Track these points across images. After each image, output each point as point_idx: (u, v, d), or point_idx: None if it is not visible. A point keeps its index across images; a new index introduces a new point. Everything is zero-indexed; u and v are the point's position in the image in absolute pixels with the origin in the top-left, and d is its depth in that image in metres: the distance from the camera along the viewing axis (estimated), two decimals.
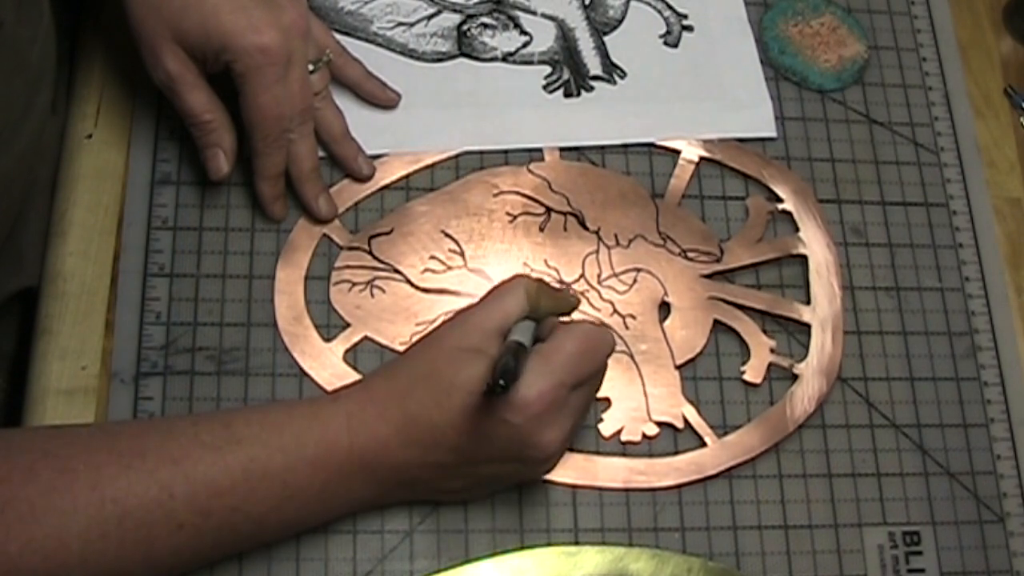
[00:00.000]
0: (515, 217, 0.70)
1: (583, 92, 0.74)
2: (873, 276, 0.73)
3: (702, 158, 0.73)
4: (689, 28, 0.78)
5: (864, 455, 0.68)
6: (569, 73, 0.75)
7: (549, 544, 0.63)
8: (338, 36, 0.73)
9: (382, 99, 0.71)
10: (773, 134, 0.75)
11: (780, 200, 0.73)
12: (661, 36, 0.77)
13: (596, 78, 0.75)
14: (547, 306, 0.60)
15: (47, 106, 0.62)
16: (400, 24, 0.75)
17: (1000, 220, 0.76)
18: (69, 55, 0.71)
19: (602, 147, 0.73)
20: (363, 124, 0.71)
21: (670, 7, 0.78)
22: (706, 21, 0.78)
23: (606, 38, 0.77)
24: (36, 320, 0.64)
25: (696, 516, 0.65)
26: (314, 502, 0.57)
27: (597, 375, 0.61)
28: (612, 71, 0.75)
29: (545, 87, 0.74)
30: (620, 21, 0.78)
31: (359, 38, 0.74)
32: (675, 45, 0.77)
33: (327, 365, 0.65)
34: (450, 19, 0.75)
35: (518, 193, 0.71)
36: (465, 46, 0.75)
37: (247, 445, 0.55)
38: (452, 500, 0.62)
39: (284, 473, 0.55)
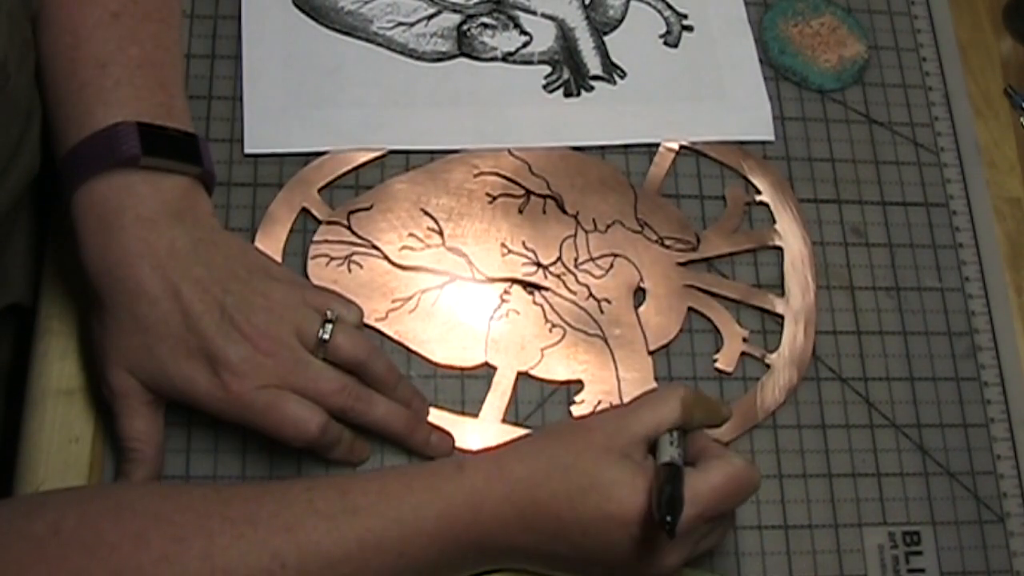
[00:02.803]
0: (495, 198, 0.70)
1: (583, 92, 0.74)
2: (873, 276, 0.73)
3: (682, 147, 0.74)
4: (689, 28, 0.78)
5: (864, 455, 0.68)
6: (569, 73, 0.75)
7: None
8: (338, 36, 0.73)
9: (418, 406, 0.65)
10: (771, 137, 0.75)
11: (758, 192, 0.73)
12: (661, 36, 0.77)
13: (596, 78, 0.75)
14: (700, 419, 0.59)
15: (37, 141, 0.62)
16: (400, 24, 0.75)
17: (1000, 220, 0.76)
18: None
19: (601, 147, 0.73)
20: (363, 123, 0.71)
21: (670, 7, 0.78)
22: (706, 21, 0.78)
23: (606, 38, 0.77)
24: (36, 320, 0.64)
25: None
26: (425, 570, 0.56)
27: (732, 512, 0.60)
28: (612, 71, 0.75)
29: (545, 87, 0.74)
30: (620, 21, 0.78)
31: (359, 38, 0.74)
32: (675, 45, 0.77)
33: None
34: (450, 19, 0.75)
35: (498, 174, 0.71)
36: (465, 46, 0.75)
37: (363, 516, 0.54)
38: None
39: (399, 544, 0.54)
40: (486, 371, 0.66)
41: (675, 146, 0.74)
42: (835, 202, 0.74)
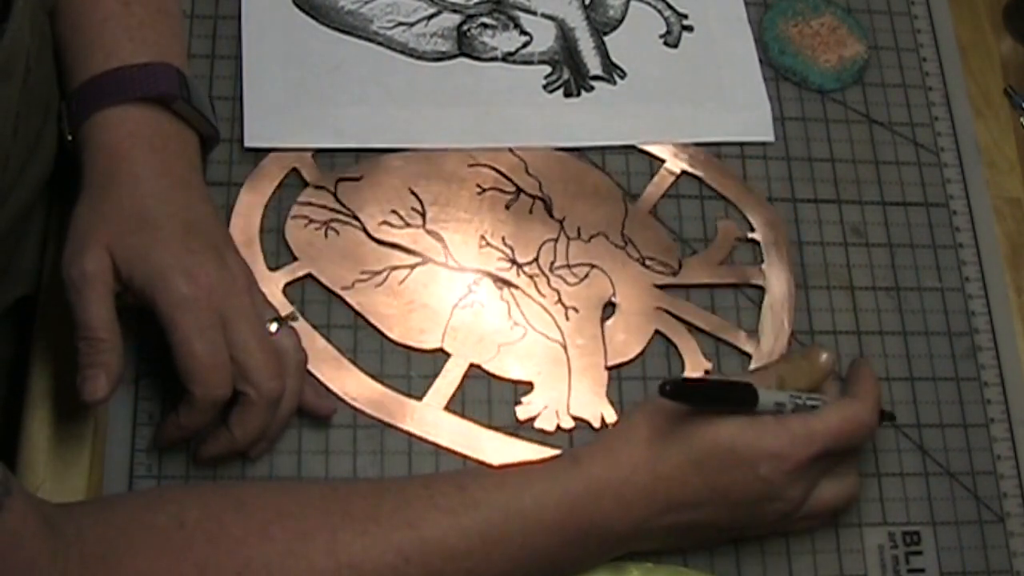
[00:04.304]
0: (484, 190, 0.70)
1: (583, 92, 0.74)
2: (873, 276, 0.72)
3: (684, 172, 0.73)
4: (689, 28, 0.78)
5: (864, 455, 0.67)
6: (569, 73, 0.75)
7: None
8: (338, 35, 0.73)
9: (318, 408, 0.63)
10: (771, 138, 0.75)
11: (752, 228, 0.72)
12: (661, 36, 0.77)
13: (596, 78, 0.75)
14: (795, 384, 0.62)
15: (55, 134, 0.62)
16: (400, 24, 0.75)
17: (1000, 220, 0.76)
18: None
19: (602, 147, 0.73)
20: (363, 122, 0.71)
21: (670, 7, 0.78)
22: (706, 21, 0.78)
23: (606, 38, 0.77)
24: (36, 320, 0.64)
25: None
26: (547, 563, 0.57)
27: (850, 453, 0.62)
28: (612, 71, 0.75)
29: (545, 87, 0.74)
30: (620, 21, 0.78)
31: (359, 37, 0.74)
32: (675, 45, 0.77)
33: (265, 294, 0.64)
34: (450, 19, 0.75)
35: (493, 168, 0.71)
36: (465, 46, 0.75)
37: (484, 509, 0.55)
38: (671, 552, 0.62)
39: (521, 536, 0.55)
40: (440, 356, 0.66)
41: (677, 170, 0.73)
42: (835, 202, 0.74)
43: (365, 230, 0.68)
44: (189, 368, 0.57)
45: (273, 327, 0.60)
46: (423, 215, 0.69)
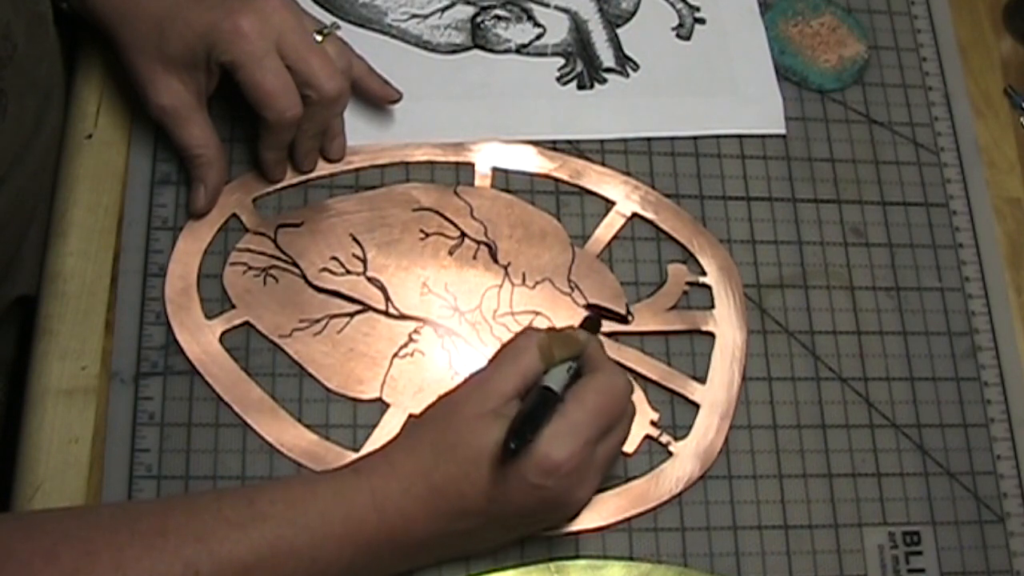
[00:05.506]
0: (427, 235, 0.68)
1: (596, 84, 0.74)
2: (873, 276, 0.73)
3: (635, 214, 0.71)
4: (701, 21, 0.78)
5: (864, 455, 0.68)
6: (582, 65, 0.75)
7: (576, 557, 0.62)
8: (352, 28, 0.74)
9: (382, 95, 0.70)
10: (782, 130, 0.75)
11: (703, 273, 0.70)
12: (673, 29, 0.77)
13: (609, 70, 0.75)
14: (563, 354, 0.60)
15: (58, 124, 0.62)
16: (414, 16, 0.75)
17: (1000, 220, 0.76)
18: (69, 55, 0.71)
19: (601, 141, 0.73)
20: (377, 114, 0.71)
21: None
22: (718, 13, 0.78)
23: (619, 30, 0.77)
24: (36, 320, 0.64)
25: (696, 516, 0.65)
26: (341, 574, 0.56)
27: (622, 422, 0.60)
28: (625, 64, 0.75)
29: (559, 79, 0.74)
30: (633, 13, 0.78)
31: (373, 30, 0.74)
32: (687, 38, 0.77)
33: (201, 342, 0.64)
34: (464, 11, 0.75)
35: (437, 212, 0.69)
36: (479, 38, 0.75)
37: (272, 523, 0.54)
38: (481, 554, 0.61)
39: (311, 550, 0.54)
40: (379, 406, 0.65)
41: (628, 212, 0.71)
42: (835, 202, 0.74)
43: (305, 277, 0.66)
44: (257, 98, 0.63)
45: (318, 38, 0.65)
46: (364, 262, 0.67)
